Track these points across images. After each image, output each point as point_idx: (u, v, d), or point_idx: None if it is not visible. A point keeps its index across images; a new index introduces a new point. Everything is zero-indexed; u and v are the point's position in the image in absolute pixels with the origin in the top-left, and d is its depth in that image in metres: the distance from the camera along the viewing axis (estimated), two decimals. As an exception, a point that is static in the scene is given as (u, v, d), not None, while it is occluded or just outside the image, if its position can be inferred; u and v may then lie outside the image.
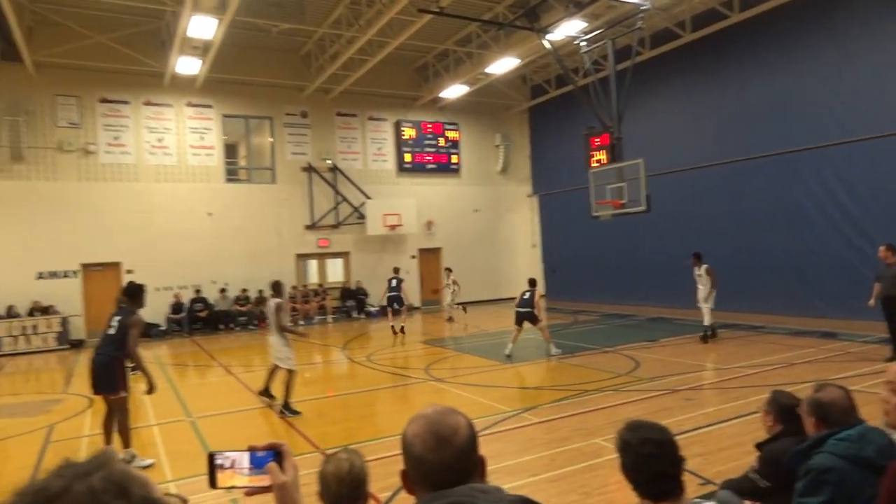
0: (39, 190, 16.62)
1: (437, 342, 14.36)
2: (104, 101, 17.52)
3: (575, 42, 14.82)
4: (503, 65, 17.93)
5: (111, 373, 6.28)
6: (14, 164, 16.35)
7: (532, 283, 12.16)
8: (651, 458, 2.19)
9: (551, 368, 10.94)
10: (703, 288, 12.41)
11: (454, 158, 22.87)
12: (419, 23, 14.78)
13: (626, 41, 15.04)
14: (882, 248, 9.69)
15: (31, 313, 16.07)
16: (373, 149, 21.61)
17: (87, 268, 17.19)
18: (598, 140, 13.69)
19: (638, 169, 12.36)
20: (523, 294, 11.86)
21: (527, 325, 11.69)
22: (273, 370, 8.57)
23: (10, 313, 15.89)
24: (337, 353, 13.68)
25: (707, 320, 12.36)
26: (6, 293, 16.01)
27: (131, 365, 6.51)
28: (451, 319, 18.05)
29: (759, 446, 3.29)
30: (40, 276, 16.59)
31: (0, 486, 6.02)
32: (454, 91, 20.17)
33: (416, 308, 18.28)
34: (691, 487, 2.36)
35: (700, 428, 6.58)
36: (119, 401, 6.32)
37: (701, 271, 12.42)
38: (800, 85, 13.87)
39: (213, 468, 1.33)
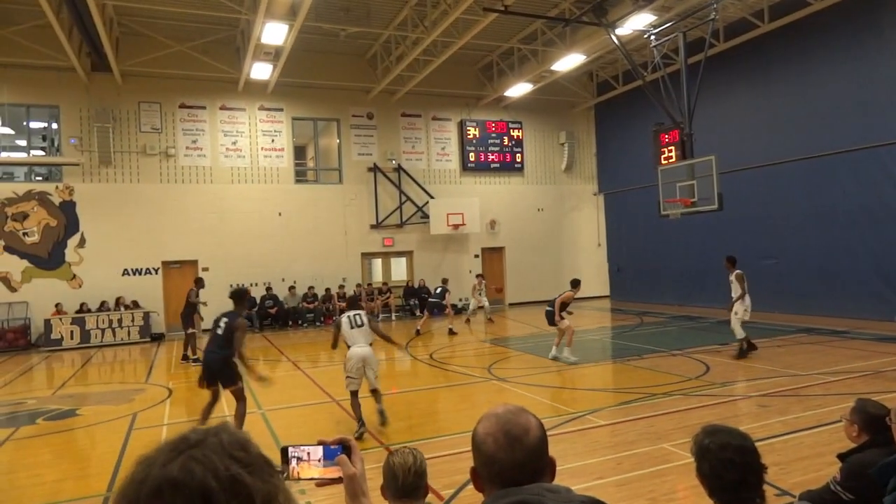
0: (125, 191, 17.69)
1: (499, 341, 14.31)
2: (183, 106, 18.44)
3: (644, 36, 14.44)
4: (569, 62, 17.66)
5: (224, 368, 6.94)
6: (103, 168, 17.48)
7: (573, 283, 11.48)
8: (731, 465, 2.12)
9: (616, 371, 10.71)
10: (734, 296, 11.07)
11: (518, 157, 22.73)
12: (484, 22, 14.77)
13: (698, 33, 14.52)
14: None
15: (116, 308, 17.15)
16: (437, 148, 21.77)
17: (166, 265, 18.16)
18: (667, 136, 13.31)
19: (710, 166, 11.92)
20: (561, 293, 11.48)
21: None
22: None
23: (102, 308, 17.02)
24: (400, 350, 13.84)
25: (738, 333, 10.88)
26: (97, 289, 17.16)
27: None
28: (491, 321, 18.03)
29: (841, 457, 3.12)
30: (125, 273, 17.67)
31: (90, 468, 6.47)
32: (518, 89, 20.04)
33: (481, 308, 18.28)
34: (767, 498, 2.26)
35: (776, 436, 6.28)
36: (237, 391, 6.98)
37: (732, 277, 11.16)
38: (892, 72, 12.95)
39: (286, 461, 1.39)
